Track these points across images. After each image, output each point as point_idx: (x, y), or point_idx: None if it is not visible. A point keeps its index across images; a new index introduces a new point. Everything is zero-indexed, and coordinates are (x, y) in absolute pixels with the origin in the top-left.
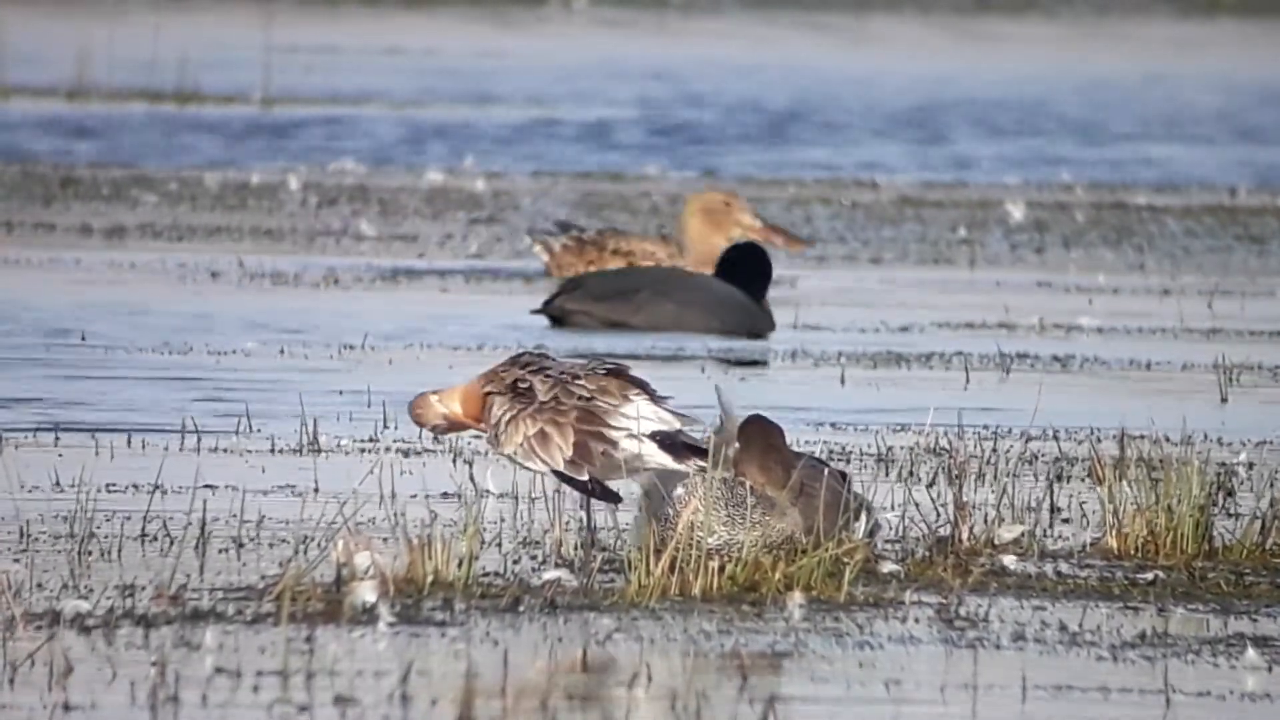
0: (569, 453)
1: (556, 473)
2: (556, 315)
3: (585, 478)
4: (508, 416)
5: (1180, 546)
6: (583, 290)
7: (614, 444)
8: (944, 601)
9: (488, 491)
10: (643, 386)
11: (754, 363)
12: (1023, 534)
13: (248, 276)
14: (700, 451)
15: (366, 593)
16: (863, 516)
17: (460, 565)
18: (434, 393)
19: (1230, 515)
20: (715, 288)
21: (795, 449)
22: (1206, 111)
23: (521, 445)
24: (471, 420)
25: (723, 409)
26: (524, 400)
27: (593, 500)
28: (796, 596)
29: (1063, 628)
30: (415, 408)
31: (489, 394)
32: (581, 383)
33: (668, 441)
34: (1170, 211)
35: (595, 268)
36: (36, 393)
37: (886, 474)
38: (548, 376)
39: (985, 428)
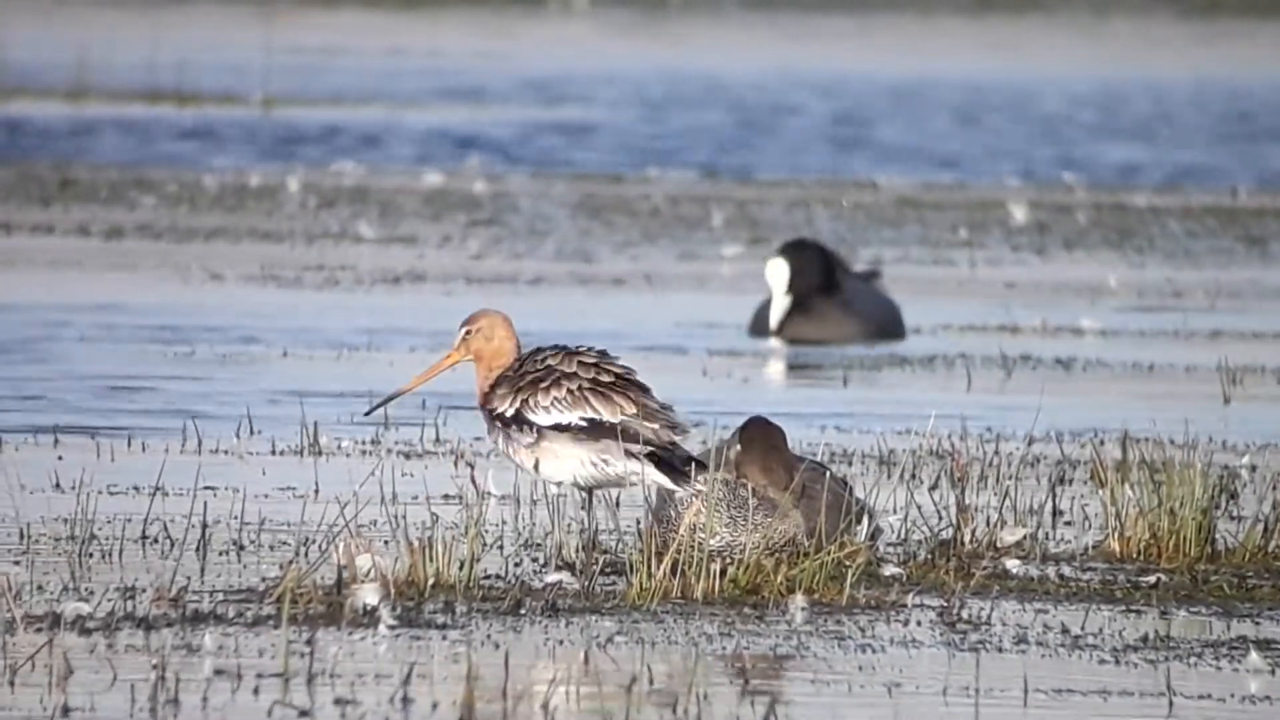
0: (631, 409)
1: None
2: None
3: (651, 431)
4: (545, 382)
5: (1183, 549)
6: None
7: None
8: (946, 604)
9: (489, 494)
10: (644, 389)
11: (755, 364)
12: (1025, 537)
13: (248, 278)
14: (696, 465)
15: (367, 595)
16: (864, 519)
17: (461, 568)
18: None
19: (1233, 518)
20: None
21: (797, 452)
22: (1208, 112)
23: (569, 394)
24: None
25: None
26: (552, 369)
27: (592, 500)
28: (798, 599)
29: (1065, 631)
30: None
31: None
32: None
33: (663, 460)
34: (1171, 213)
35: None
36: (36, 393)
37: (888, 476)
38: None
39: (987, 430)
